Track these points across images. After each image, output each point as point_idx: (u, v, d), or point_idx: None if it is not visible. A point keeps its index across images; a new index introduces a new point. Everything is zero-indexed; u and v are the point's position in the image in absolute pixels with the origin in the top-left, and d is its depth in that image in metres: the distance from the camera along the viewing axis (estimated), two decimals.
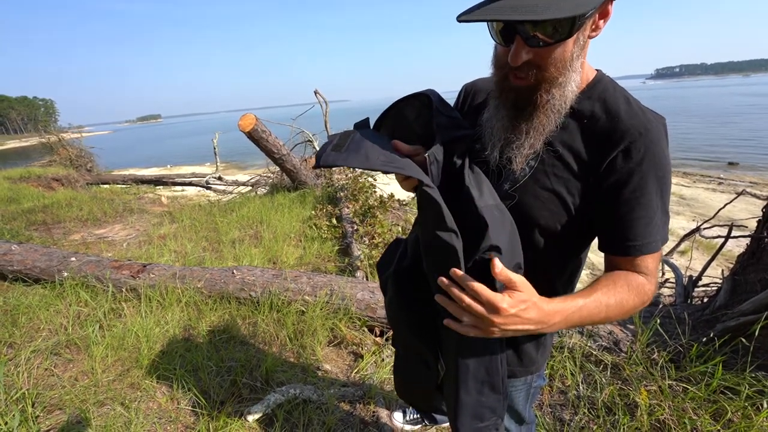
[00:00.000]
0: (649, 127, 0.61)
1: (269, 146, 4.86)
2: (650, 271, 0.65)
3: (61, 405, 1.59)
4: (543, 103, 0.61)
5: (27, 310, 2.28)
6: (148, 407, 1.62)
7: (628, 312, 0.64)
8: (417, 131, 0.72)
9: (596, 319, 0.63)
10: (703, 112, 30.45)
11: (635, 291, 0.64)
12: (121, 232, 4.34)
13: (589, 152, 0.64)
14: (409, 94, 0.73)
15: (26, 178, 7.77)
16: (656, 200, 0.62)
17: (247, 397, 1.68)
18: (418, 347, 0.87)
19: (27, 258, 2.76)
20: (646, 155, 0.60)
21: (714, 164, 13.50)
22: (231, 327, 2.14)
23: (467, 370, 0.72)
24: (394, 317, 0.94)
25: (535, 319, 0.57)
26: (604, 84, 0.66)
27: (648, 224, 0.62)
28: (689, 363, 1.64)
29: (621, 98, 0.64)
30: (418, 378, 0.92)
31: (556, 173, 0.65)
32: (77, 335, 2.05)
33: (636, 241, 0.63)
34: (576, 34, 0.55)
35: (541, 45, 0.55)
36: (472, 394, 0.74)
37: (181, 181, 9.79)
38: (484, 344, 0.70)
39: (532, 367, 0.85)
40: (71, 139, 11.21)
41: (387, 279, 0.90)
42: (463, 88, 0.86)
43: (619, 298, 0.63)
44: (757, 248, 1.91)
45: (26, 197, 5.86)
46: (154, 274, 2.50)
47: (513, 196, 0.69)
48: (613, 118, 0.62)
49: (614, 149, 0.61)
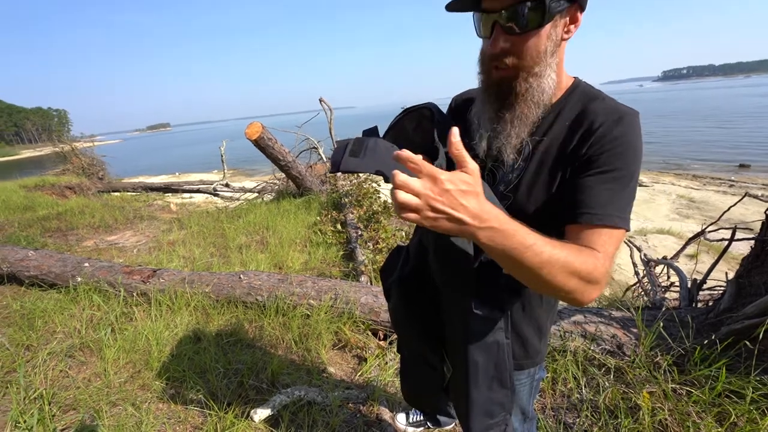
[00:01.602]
0: (622, 116, 0.65)
1: (275, 153, 4.95)
2: (605, 249, 0.61)
3: (76, 405, 1.65)
4: (523, 92, 0.67)
5: (43, 313, 2.36)
6: (158, 408, 1.67)
7: (569, 276, 0.56)
8: (415, 140, 0.76)
9: (534, 260, 0.53)
10: (711, 114, 30.08)
11: (587, 260, 0.58)
12: (131, 239, 4.45)
13: (571, 146, 0.67)
14: (410, 106, 0.77)
15: (41, 186, 7.98)
16: (621, 182, 0.64)
17: (254, 398, 1.71)
18: (424, 350, 0.90)
19: (43, 263, 2.85)
20: (618, 138, 0.63)
21: (725, 166, 13.31)
22: (238, 330, 2.18)
23: (477, 367, 0.75)
24: (399, 322, 0.97)
25: (471, 210, 0.49)
26: (582, 88, 0.72)
27: (610, 199, 0.63)
28: (693, 366, 1.64)
29: (597, 97, 0.69)
30: (424, 381, 0.95)
31: (546, 171, 0.69)
32: (90, 338, 2.11)
33: (595, 210, 0.62)
34: (547, 27, 0.63)
35: (517, 32, 0.63)
36: (482, 391, 0.77)
37: (189, 188, 9.95)
38: (492, 340, 0.73)
39: (537, 357, 0.88)
40: (84, 148, 11.49)
41: (391, 285, 0.93)
42: (453, 99, 0.91)
43: (569, 257, 0.56)
44: (761, 251, 1.90)
45: (41, 205, 6.03)
46: (163, 279, 2.56)
47: (508, 196, 0.73)
48: (590, 114, 0.66)
49: (591, 137, 0.65)
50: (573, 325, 2.00)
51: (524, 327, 0.83)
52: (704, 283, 2.20)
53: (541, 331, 0.86)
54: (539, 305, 0.82)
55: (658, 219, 8.44)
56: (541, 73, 0.65)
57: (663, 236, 6.95)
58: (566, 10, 0.63)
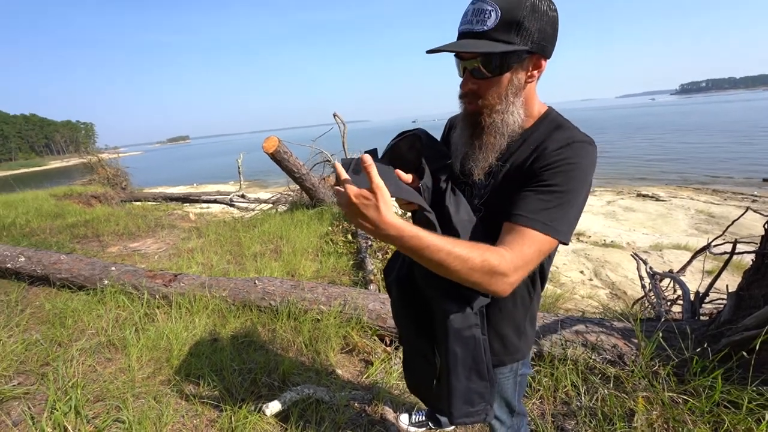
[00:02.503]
0: (573, 141, 0.74)
1: (290, 166, 5.16)
2: (520, 249, 0.69)
3: (104, 396, 1.78)
4: (487, 125, 0.78)
5: (73, 313, 2.54)
6: (177, 402, 1.79)
7: (470, 271, 0.67)
8: (409, 159, 0.89)
9: (432, 257, 0.67)
10: (731, 128, 29.38)
11: (490, 255, 0.68)
12: (153, 246, 4.67)
13: (527, 165, 0.78)
14: (404, 131, 0.90)
15: (69, 195, 8.42)
16: (557, 195, 0.71)
17: (266, 395, 1.82)
18: (418, 342, 1.00)
19: (73, 267, 3.06)
20: (563, 159, 0.72)
21: (747, 181, 12.95)
22: (252, 332, 2.31)
23: (456, 358, 0.84)
24: (398, 315, 1.08)
25: (371, 219, 0.65)
26: (551, 116, 0.82)
27: (540, 207, 0.71)
28: (692, 377, 1.67)
29: (562, 126, 0.79)
30: (421, 371, 1.05)
31: (509, 187, 0.79)
32: (116, 336, 2.27)
33: (523, 213, 0.72)
34: (507, 75, 0.74)
35: (481, 76, 0.75)
36: (461, 380, 0.86)
37: (206, 198, 10.32)
38: (468, 335, 0.83)
39: (517, 354, 0.97)
40: (109, 159, 12.07)
41: (390, 284, 1.05)
42: (449, 120, 1.04)
43: (468, 253, 0.67)
44: (761, 264, 1.92)
45: (70, 213, 6.38)
46: (183, 283, 2.72)
47: (481, 209, 0.85)
48: (550, 138, 0.77)
49: (542, 156, 0.75)
50: (574, 334, 2.05)
51: (503, 326, 0.93)
52: (707, 296, 2.22)
53: (519, 329, 0.95)
54: (514, 306, 0.92)
55: (675, 234, 8.27)
56: (503, 111, 0.77)
57: (679, 251, 6.81)
58: (527, 60, 0.73)
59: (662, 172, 15.10)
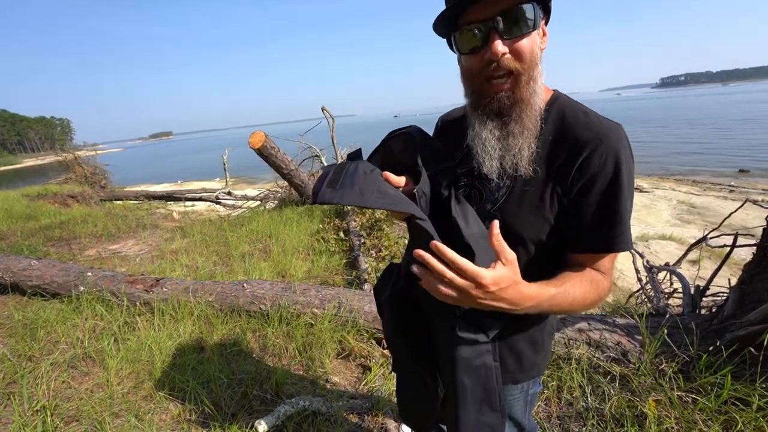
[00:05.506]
0: (608, 134, 0.65)
1: (278, 162, 4.99)
2: (607, 269, 0.71)
3: (78, 417, 1.64)
4: (527, 98, 0.66)
5: (45, 324, 2.36)
6: (161, 419, 1.66)
7: (586, 305, 0.69)
8: (402, 161, 0.76)
9: (561, 308, 0.67)
10: (708, 121, 30.25)
11: (595, 287, 0.69)
12: (134, 248, 4.45)
13: (556, 164, 0.68)
14: (394, 130, 0.78)
15: (43, 195, 8.03)
16: (618, 203, 0.66)
17: (258, 408, 1.70)
18: (416, 367, 0.89)
19: (45, 273, 2.86)
20: (608, 160, 0.65)
21: (724, 171, 13.36)
22: (241, 340, 2.18)
23: (465, 390, 0.74)
24: (392, 338, 0.97)
25: (511, 299, 0.59)
26: (561, 100, 0.72)
27: (610, 226, 0.67)
28: (698, 374, 1.64)
29: (579, 111, 0.69)
30: (417, 398, 0.94)
31: (531, 188, 0.69)
32: (93, 348, 2.11)
33: (597, 241, 0.69)
34: (534, 33, 0.64)
35: (516, 35, 0.63)
36: (471, 414, 0.75)
37: (191, 196, 9.99)
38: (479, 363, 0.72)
39: (533, 371, 0.87)
40: (86, 156, 11.57)
41: (383, 303, 0.93)
42: (439, 119, 0.91)
43: (582, 291, 0.67)
44: (763, 257, 1.90)
45: (44, 214, 6.05)
46: (166, 289, 2.57)
47: (495, 215, 0.72)
48: (574, 130, 0.67)
49: (579, 157, 0.66)
50: (577, 332, 1.99)
51: (518, 340, 0.82)
52: (707, 290, 2.20)
53: (536, 343, 0.84)
54: (531, 319, 0.81)
55: (659, 225, 8.45)
56: (537, 79, 0.66)
57: (665, 242, 6.94)
58: (542, 20, 0.67)
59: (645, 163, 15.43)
